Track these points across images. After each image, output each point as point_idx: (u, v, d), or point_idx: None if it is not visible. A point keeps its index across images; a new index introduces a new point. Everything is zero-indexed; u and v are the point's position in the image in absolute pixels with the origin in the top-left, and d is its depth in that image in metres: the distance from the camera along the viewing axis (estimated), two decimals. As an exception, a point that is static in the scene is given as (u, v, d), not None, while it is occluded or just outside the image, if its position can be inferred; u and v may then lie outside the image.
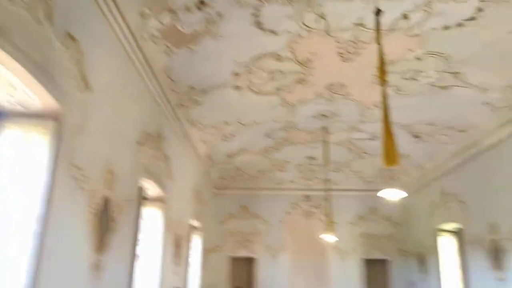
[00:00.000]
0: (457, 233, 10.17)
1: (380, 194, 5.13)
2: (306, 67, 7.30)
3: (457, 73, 7.17)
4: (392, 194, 5.03)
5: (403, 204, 13.42)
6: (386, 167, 5.29)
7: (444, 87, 7.67)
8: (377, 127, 9.85)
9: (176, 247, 8.50)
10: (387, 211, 13.50)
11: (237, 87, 7.73)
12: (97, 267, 4.43)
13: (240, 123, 9.65)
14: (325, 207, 11.26)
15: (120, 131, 5.06)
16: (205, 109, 8.27)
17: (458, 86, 7.49)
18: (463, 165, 9.44)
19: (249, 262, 13.33)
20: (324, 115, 9.54)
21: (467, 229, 9.24)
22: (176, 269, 8.51)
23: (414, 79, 7.58)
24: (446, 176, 10.36)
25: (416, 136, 10.06)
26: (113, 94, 4.79)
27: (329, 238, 10.46)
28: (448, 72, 7.21)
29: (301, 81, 7.80)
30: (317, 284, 12.84)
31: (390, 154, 5.12)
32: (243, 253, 13.38)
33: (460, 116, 8.47)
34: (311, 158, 12.56)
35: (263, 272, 13.03)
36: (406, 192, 12.74)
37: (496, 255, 7.97)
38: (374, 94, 8.08)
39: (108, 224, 4.74)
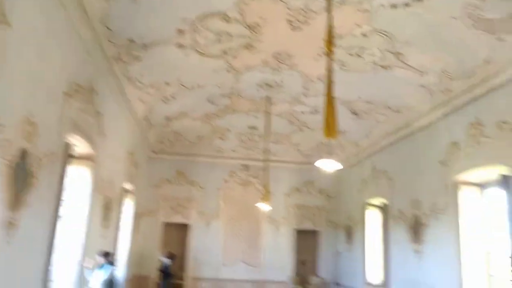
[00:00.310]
0: (383, 207, 10.77)
1: (317, 164, 5.16)
2: (255, 32, 7.06)
3: (399, 53, 7.35)
4: (329, 165, 5.08)
5: (337, 178, 13.94)
6: (326, 138, 5.36)
7: (385, 67, 7.85)
8: (319, 101, 9.92)
9: (106, 209, 8.11)
10: (322, 184, 13.96)
11: (181, 46, 7.32)
12: (10, 226, 4.04)
13: (182, 85, 9.26)
14: (263, 177, 11.34)
15: (44, 78, 4.55)
16: (144, 66, 7.77)
17: (398, 67, 7.70)
18: (395, 144, 9.90)
19: (182, 228, 13.22)
20: (268, 85, 9.44)
21: (392, 204, 9.80)
22: (104, 232, 8.16)
23: (358, 55, 7.67)
24: (379, 154, 10.84)
25: (355, 113, 10.33)
26: (36, 36, 4.26)
27: (264, 207, 10.60)
28: (391, 52, 7.36)
29: (248, 46, 7.57)
30: (249, 252, 13.11)
31: (331, 126, 5.18)
32: (177, 219, 13.22)
33: (397, 96, 8.78)
34: (253, 127, 12.50)
35: (197, 239, 13.02)
36: (342, 168, 13.20)
37: (415, 229, 8.55)
38: (319, 67, 8.08)
39: (26, 179, 4.31)
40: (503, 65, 6.19)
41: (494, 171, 6.63)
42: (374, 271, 10.95)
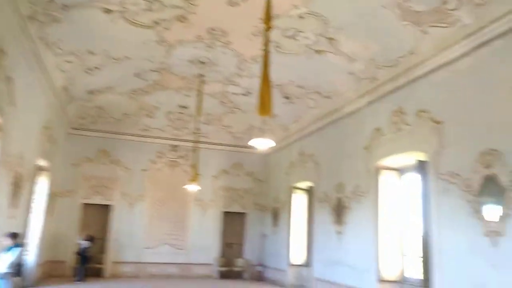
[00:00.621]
0: (309, 190, 11.09)
1: (251, 142, 5.11)
2: (189, 3, 6.72)
3: (332, 39, 7.47)
4: (262, 144, 5.03)
5: (265, 162, 14.11)
6: (260, 116, 5.32)
7: (318, 51, 7.95)
8: (253, 83, 9.88)
9: (15, 187, 7.33)
10: (250, 167, 14.02)
11: (107, 10, 6.73)
12: None
13: (108, 56, 8.60)
14: (192, 158, 11.04)
15: None
16: (65, 30, 7.05)
17: (331, 52, 7.85)
18: (323, 129, 10.18)
19: (104, 209, 12.50)
20: (201, 62, 9.13)
21: (318, 187, 10.11)
22: (13, 212, 7.39)
23: (293, 38, 7.67)
24: (307, 138, 11.10)
25: (286, 97, 10.43)
26: None
27: (192, 189, 10.36)
28: (325, 37, 7.47)
29: (181, 19, 7.20)
30: (175, 234, 12.81)
31: (265, 104, 5.14)
32: (97, 200, 12.46)
33: (328, 82, 8.99)
34: (183, 107, 12.11)
35: (119, 221, 12.39)
36: (270, 151, 13.26)
37: (338, 211, 8.92)
38: (254, 47, 7.98)
39: None
40: (426, 56, 6.56)
41: (412, 157, 7.08)
42: (298, 253, 11.31)
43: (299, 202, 11.67)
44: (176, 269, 12.62)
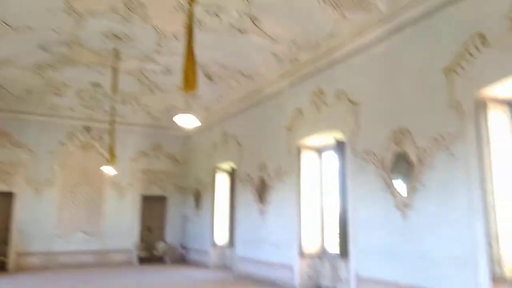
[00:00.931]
0: (231, 172, 11.11)
1: (175, 118, 4.90)
2: (102, -31, 6.14)
3: (255, 18, 7.38)
4: (187, 121, 4.83)
5: (186, 143, 13.81)
6: (185, 93, 5.09)
7: (242, 31, 7.82)
8: (173, 61, 9.48)
9: None
10: (170, 149, 13.62)
11: (2, -29, 5.88)
12: None
13: (6, 24, 7.57)
14: (108, 140, 10.35)
15: None
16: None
17: (254, 32, 7.77)
18: (245, 110, 10.18)
19: (5, 197, 11.26)
20: (117, 36, 8.46)
21: (240, 168, 10.15)
22: None
23: (217, 15, 7.42)
24: (229, 119, 11.04)
25: (209, 77, 10.20)
26: None
27: (109, 171, 9.75)
28: (248, 16, 7.35)
29: (93, -14, 6.57)
30: (90, 221, 12.02)
31: (190, 80, 4.91)
32: (-2, 187, 11.19)
33: (250, 62, 8.93)
34: (96, 85, 11.24)
35: (24, 209, 11.27)
36: (191, 132, 13.00)
37: (261, 191, 9.06)
38: (175, 23, 7.60)
39: None
40: (344, 40, 6.81)
41: (331, 137, 7.39)
42: (221, 233, 11.34)
43: (222, 183, 11.66)
44: (92, 257, 11.92)
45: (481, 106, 4.73)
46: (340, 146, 6.94)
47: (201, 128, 12.73)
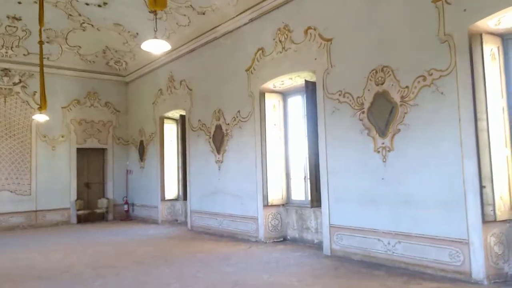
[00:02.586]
0: (181, 120, 10.18)
1: (144, 46, 4.09)
2: None
3: None
4: (156, 46, 3.95)
5: (125, 90, 12.51)
6: (153, 9, 4.28)
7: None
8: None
9: None
10: (108, 97, 12.23)
11: None
12: None
13: None
14: (39, 82, 8.67)
15: None
16: None
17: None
18: (196, 51, 9.17)
19: None
20: (39, -47, 6.91)
21: (192, 115, 9.28)
22: None
23: None
24: (177, 61, 9.93)
25: (153, 12, 8.91)
26: None
27: (40, 119, 8.39)
28: None
29: None
30: (17, 178, 10.55)
31: None
32: None
33: (204, -6, 7.87)
34: (15, 18, 9.45)
35: None
36: (130, 77, 11.69)
37: (217, 139, 8.35)
38: None
39: None
40: (317, -34, 6.03)
41: (297, 78, 6.78)
42: (170, 187, 10.59)
43: (169, 133, 10.74)
44: (23, 218, 10.61)
45: (475, 39, 4.35)
46: (309, 88, 6.37)
47: (143, 73, 11.50)
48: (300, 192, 7.09)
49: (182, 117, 9.91)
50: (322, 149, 5.99)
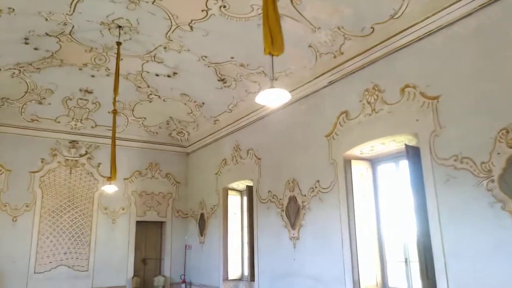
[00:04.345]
0: (247, 191, 9.45)
1: (258, 100, 3.52)
2: None
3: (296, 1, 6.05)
4: (275, 98, 3.35)
5: (187, 161, 12.19)
6: (272, 54, 3.85)
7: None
8: (181, 59, 8.00)
9: None
10: (168, 168, 11.91)
11: None
12: None
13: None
14: (110, 154, 8.40)
15: None
16: None
17: (291, 17, 6.42)
18: (262, 117, 8.66)
19: (-28, 227, 9.29)
20: (119, 26, 6.96)
21: (260, 186, 8.55)
22: None
23: (247, -5, 6.06)
24: (244, 129, 9.47)
25: (222, 80, 8.70)
26: None
27: (110, 190, 8.00)
28: (286, -4, 6.01)
29: None
30: (76, 252, 10.06)
31: (275, 39, 3.73)
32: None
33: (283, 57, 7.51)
34: (87, 91, 9.62)
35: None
36: (192, 148, 11.40)
37: (291, 212, 7.48)
38: (195, 7, 6.22)
39: None
40: (413, 20, 5.48)
41: (392, 143, 5.97)
42: (234, 265, 9.62)
43: (233, 206, 10.02)
44: (77, 297, 9.92)
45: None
46: (411, 153, 5.50)
47: (206, 143, 11.16)
48: (400, 277, 5.89)
49: (249, 188, 9.20)
50: (434, 226, 4.93)
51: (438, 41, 5.21)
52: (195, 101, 9.95)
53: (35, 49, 7.58)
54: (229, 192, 10.07)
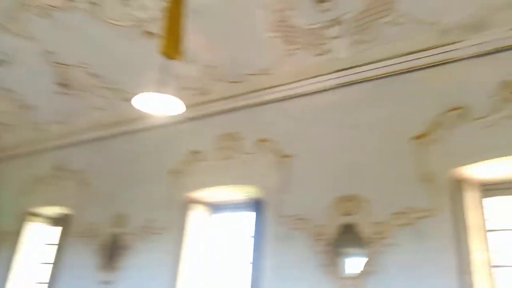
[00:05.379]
0: (62, 219, 7.89)
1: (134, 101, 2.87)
2: None
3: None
4: (167, 107, 2.78)
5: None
6: (167, 58, 3.37)
7: (148, 33, 5.97)
8: (15, 45, 6.57)
9: None
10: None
11: None
12: None
13: None
14: None
15: None
16: None
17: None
18: (106, 139, 7.66)
19: None
20: None
21: (80, 216, 7.29)
22: None
23: (126, 4, 5.48)
24: (75, 148, 8.13)
25: (64, 85, 7.48)
26: None
27: None
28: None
29: None
30: None
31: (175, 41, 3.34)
32: None
33: (136, 75, 6.88)
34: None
35: None
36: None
37: (110, 252, 6.50)
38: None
39: None
40: (284, 79, 5.76)
41: (239, 192, 5.89)
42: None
43: (36, 236, 8.24)
44: None
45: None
46: (256, 206, 5.47)
47: (8, 155, 9.20)
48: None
49: (65, 217, 7.72)
50: (268, 283, 4.86)
51: (302, 105, 5.56)
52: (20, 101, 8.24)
53: None
54: (32, 218, 8.29)
